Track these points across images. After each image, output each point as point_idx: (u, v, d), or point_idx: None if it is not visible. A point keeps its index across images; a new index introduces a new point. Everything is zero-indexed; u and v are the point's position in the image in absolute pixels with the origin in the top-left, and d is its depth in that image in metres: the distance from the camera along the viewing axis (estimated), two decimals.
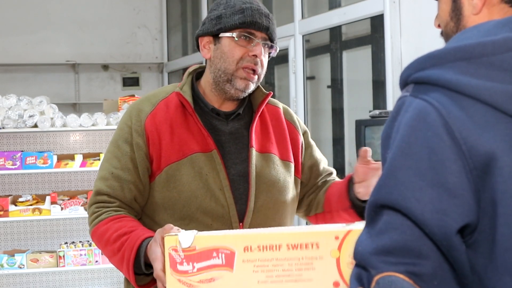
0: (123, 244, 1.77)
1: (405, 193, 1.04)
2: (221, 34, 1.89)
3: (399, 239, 1.03)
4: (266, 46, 1.91)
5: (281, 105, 2.09)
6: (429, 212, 1.03)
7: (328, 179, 2.09)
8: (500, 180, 1.03)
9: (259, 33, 1.88)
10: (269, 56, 1.95)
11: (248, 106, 2.00)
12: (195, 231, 1.53)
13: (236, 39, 1.88)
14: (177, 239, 1.51)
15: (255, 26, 1.87)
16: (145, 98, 1.98)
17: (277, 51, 1.96)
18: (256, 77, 1.90)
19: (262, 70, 1.91)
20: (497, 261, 1.04)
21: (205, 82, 1.96)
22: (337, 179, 2.11)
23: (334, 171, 2.13)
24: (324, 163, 2.10)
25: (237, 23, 1.87)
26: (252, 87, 1.91)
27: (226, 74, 1.89)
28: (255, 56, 1.88)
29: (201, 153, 1.87)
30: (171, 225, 1.64)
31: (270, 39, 1.91)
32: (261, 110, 1.98)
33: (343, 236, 1.48)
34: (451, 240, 1.03)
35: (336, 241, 1.48)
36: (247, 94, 1.93)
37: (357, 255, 1.09)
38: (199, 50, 1.99)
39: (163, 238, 1.56)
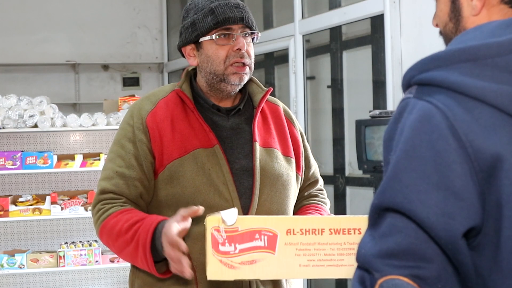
0: (137, 231, 1.76)
1: (410, 196, 1.04)
2: (201, 39, 1.92)
3: (404, 242, 1.03)
4: (247, 35, 1.94)
5: (281, 104, 2.12)
6: (434, 215, 1.02)
7: (313, 192, 2.10)
8: (506, 183, 1.02)
9: (235, 26, 1.91)
10: (253, 41, 1.97)
11: (248, 102, 2.02)
12: (236, 209, 1.52)
13: (216, 39, 1.90)
14: (220, 218, 1.50)
15: (229, 21, 1.89)
16: (145, 98, 2.00)
17: (259, 35, 1.98)
18: (247, 68, 1.93)
19: (251, 60, 1.94)
20: (501, 263, 1.04)
21: (201, 83, 1.99)
22: (322, 194, 2.12)
23: (321, 180, 2.15)
24: (314, 168, 2.12)
25: (211, 25, 1.90)
26: (246, 78, 1.94)
27: (218, 75, 1.92)
28: (239, 49, 1.90)
29: (203, 148, 1.89)
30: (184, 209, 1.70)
31: (248, 26, 1.93)
32: (262, 104, 2.00)
33: None
34: (457, 244, 1.02)
35: None
36: (242, 86, 1.96)
37: (360, 257, 1.08)
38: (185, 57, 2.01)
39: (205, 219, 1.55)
